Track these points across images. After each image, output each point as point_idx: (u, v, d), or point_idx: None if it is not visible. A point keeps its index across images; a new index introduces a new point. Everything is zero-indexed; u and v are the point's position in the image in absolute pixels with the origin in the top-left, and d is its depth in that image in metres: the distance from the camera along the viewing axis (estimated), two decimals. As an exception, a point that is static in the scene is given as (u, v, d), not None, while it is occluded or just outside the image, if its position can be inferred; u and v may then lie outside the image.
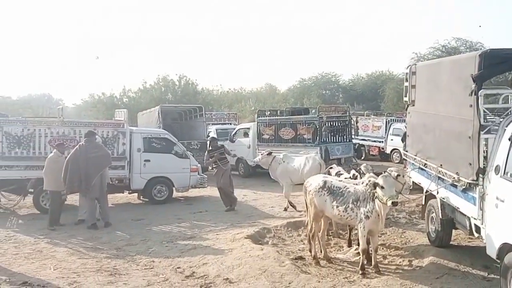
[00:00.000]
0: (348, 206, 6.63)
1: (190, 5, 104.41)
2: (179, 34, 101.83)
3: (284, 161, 11.44)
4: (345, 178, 7.99)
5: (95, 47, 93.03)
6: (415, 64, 8.94)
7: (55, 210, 9.67)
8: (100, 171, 9.53)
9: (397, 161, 20.86)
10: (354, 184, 7.00)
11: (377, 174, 6.71)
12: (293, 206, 11.05)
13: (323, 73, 45.10)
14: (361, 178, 7.71)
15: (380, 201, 6.27)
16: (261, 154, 11.78)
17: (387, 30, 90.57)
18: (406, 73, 9.00)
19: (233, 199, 11.60)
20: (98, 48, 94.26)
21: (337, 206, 6.73)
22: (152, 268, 7.04)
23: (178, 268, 6.98)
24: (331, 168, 9.10)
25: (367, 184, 6.55)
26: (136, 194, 12.87)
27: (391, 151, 21.58)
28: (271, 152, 11.94)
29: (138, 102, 31.74)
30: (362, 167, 8.29)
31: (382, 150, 22.27)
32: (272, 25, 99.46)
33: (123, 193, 12.62)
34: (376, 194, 6.33)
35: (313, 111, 17.93)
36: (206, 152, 11.70)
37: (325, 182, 6.99)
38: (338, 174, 8.46)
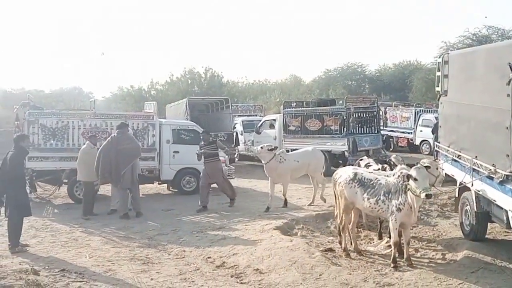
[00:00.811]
0: (380, 198, 6.56)
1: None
2: (204, 26, 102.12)
3: (284, 160, 10.47)
4: (374, 169, 7.91)
5: (122, 41, 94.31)
6: (448, 53, 8.73)
7: (88, 200, 9.92)
8: (130, 162, 9.71)
9: (427, 152, 20.53)
10: (385, 176, 6.93)
11: (410, 166, 6.61)
12: (286, 203, 10.50)
13: (349, 64, 44.44)
14: (391, 169, 7.64)
15: (413, 194, 6.18)
16: (261, 147, 10.50)
17: (413, 19, 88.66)
18: (438, 62, 8.79)
19: (204, 199, 10.53)
20: (125, 42, 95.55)
21: (368, 198, 6.67)
22: (183, 257, 7.16)
23: (208, 258, 7.08)
24: (361, 159, 9.01)
25: (399, 176, 6.47)
26: (165, 185, 13.06)
27: (420, 143, 21.24)
28: (274, 148, 10.83)
29: (166, 94, 32.07)
30: (393, 158, 8.19)
31: (411, 141, 21.93)
32: (297, 16, 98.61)
33: (153, 183, 12.84)
34: (408, 186, 6.25)
35: (340, 102, 17.75)
36: (199, 147, 10.71)
37: (355, 174, 6.94)
38: (367, 166, 8.38)
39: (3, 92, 38.45)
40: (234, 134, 17.04)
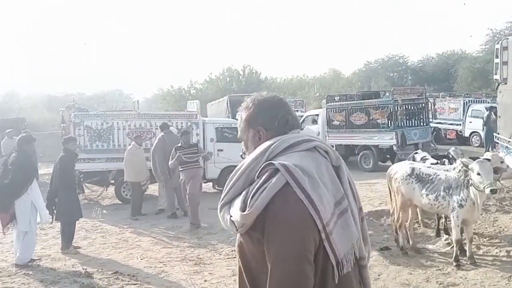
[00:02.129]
0: (439, 194, 6.20)
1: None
2: (242, 23, 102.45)
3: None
4: (432, 163, 7.52)
5: (161, 41, 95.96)
6: (507, 38, 8.20)
7: (136, 200, 9.97)
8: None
9: (477, 144, 19.72)
10: (444, 170, 6.56)
11: (473, 159, 6.21)
12: None
13: (390, 55, 43.42)
14: (450, 163, 7.24)
15: (476, 189, 5.79)
16: None
17: (456, 7, 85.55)
18: (496, 49, 8.29)
19: (193, 214, 8.84)
20: (163, 43, 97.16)
21: (427, 195, 6.32)
22: (234, 257, 6.99)
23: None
24: (415, 153, 8.61)
25: (460, 170, 6.09)
26: (210, 183, 13.03)
27: (470, 134, 20.37)
28: None
29: (205, 93, 32.31)
30: (452, 152, 7.75)
31: (460, 133, 21.06)
32: (334, 9, 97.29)
33: (198, 182, 12.80)
34: (471, 181, 5.86)
35: (387, 94, 17.21)
36: (173, 149, 8.88)
37: (413, 169, 6.59)
38: (423, 160, 7.99)
39: (48, 96, 39.79)
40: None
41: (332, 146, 16.48)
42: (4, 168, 6.54)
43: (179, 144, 8.96)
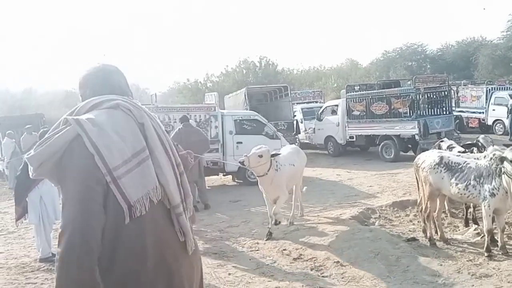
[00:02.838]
0: (470, 183, 6.00)
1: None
2: (257, 15, 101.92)
3: (280, 166, 7.29)
4: (459, 152, 7.31)
5: (176, 34, 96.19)
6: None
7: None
8: (200, 155, 9.61)
9: (500, 132, 19.33)
10: (474, 158, 6.35)
11: (506, 146, 5.99)
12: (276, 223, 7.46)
13: (408, 44, 42.96)
14: (479, 151, 7.02)
15: (509, 177, 5.57)
16: (260, 155, 6.95)
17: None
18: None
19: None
20: (179, 36, 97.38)
21: (457, 184, 6.13)
22: (257, 250, 6.93)
23: (284, 250, 6.79)
24: (441, 141, 8.39)
25: (491, 158, 5.87)
26: (230, 176, 12.96)
27: (493, 122, 19.93)
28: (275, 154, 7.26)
29: (221, 86, 32.24)
30: (481, 139, 7.52)
31: (483, 121, 20.60)
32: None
33: (218, 175, 12.75)
34: (503, 169, 5.64)
35: (408, 82, 16.91)
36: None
37: (441, 158, 6.40)
38: (450, 148, 7.78)
39: (65, 92, 40.20)
40: (294, 122, 16.68)
41: (352, 137, 16.38)
42: (24, 163, 6.56)
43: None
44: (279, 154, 7.46)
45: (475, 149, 7.36)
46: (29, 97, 39.11)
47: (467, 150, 7.27)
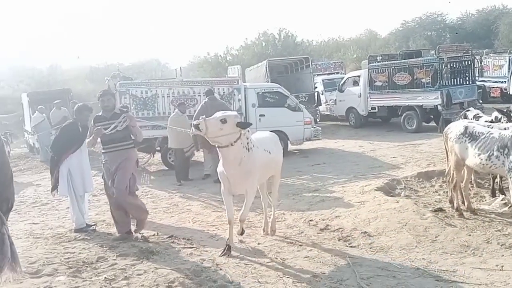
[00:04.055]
0: (492, 154, 5.95)
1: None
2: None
3: (253, 147, 5.46)
4: (485, 121, 7.23)
5: (195, 8, 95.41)
6: None
7: (180, 166, 10.12)
8: None
9: (523, 102, 18.89)
10: (500, 128, 6.29)
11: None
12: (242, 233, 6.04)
13: (428, 13, 42.18)
14: (510, 121, 6.94)
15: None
16: (223, 119, 5.16)
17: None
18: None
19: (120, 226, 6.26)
20: (197, 9, 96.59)
21: (479, 154, 6.10)
22: (284, 220, 7.04)
23: (310, 220, 6.89)
24: (467, 110, 8.30)
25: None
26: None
27: (515, 91, 19.51)
28: (246, 124, 5.53)
29: (241, 59, 31.99)
30: (512, 108, 7.41)
31: (505, 91, 20.17)
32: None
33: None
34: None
35: (431, 52, 16.62)
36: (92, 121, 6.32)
37: (466, 128, 6.36)
38: (476, 117, 7.70)
39: (90, 68, 40.54)
40: (316, 94, 16.60)
41: (374, 108, 16.26)
42: (57, 135, 6.78)
43: (100, 113, 6.20)
44: (251, 123, 5.88)
45: (503, 118, 7.26)
46: (54, 72, 39.62)
47: (493, 120, 7.19)
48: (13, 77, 34.43)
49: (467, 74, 15.05)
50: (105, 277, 4.55)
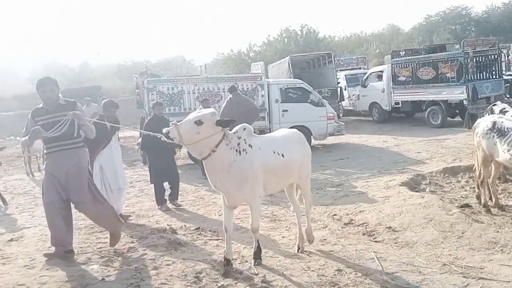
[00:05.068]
0: None
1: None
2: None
3: (249, 147, 4.64)
4: (512, 116, 7.13)
5: (218, 5, 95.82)
6: None
7: (206, 160, 10.22)
8: (250, 124, 9.74)
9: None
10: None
11: None
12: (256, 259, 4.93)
13: (452, 7, 41.54)
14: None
15: None
16: (198, 121, 4.27)
17: None
18: None
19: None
20: (222, 6, 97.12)
21: (508, 150, 6.03)
22: (308, 214, 7.08)
23: (334, 215, 6.94)
24: (494, 105, 8.19)
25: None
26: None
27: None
28: (229, 121, 4.78)
29: (264, 55, 32.08)
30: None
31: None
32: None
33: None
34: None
35: (456, 46, 16.40)
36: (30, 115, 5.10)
37: (494, 123, 6.30)
38: (503, 112, 7.60)
39: (117, 65, 41.27)
40: (338, 89, 16.56)
41: (398, 103, 16.13)
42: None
43: (39, 106, 5.01)
44: (234, 120, 4.96)
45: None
46: (85, 70, 40.45)
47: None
48: (47, 75, 35.34)
49: (493, 68, 14.84)
50: (136, 267, 4.68)
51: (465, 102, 13.97)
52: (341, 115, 16.16)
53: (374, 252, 5.25)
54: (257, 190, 4.63)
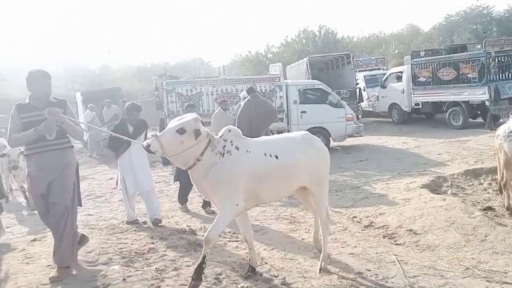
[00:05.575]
0: None
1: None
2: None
3: (235, 149, 4.26)
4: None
5: (236, 8, 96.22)
6: None
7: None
8: (268, 126, 9.76)
9: None
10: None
11: None
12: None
13: (473, 6, 40.75)
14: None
15: None
16: (181, 129, 3.96)
17: None
18: None
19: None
20: (240, 7, 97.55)
21: None
22: (328, 217, 7.05)
23: (354, 217, 6.88)
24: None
25: None
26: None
27: None
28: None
29: (282, 56, 32.09)
30: None
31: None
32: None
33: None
34: None
35: (477, 46, 16.14)
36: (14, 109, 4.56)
37: (516, 125, 6.18)
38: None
39: (137, 67, 41.73)
40: (357, 90, 16.46)
41: (418, 104, 15.95)
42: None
43: (25, 101, 4.56)
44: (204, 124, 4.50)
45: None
46: (105, 72, 41.01)
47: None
48: (68, 77, 35.87)
49: (516, 69, 14.53)
50: (156, 268, 4.73)
51: (487, 103, 13.75)
52: (360, 116, 16.09)
53: (395, 255, 5.18)
54: (233, 197, 4.10)
